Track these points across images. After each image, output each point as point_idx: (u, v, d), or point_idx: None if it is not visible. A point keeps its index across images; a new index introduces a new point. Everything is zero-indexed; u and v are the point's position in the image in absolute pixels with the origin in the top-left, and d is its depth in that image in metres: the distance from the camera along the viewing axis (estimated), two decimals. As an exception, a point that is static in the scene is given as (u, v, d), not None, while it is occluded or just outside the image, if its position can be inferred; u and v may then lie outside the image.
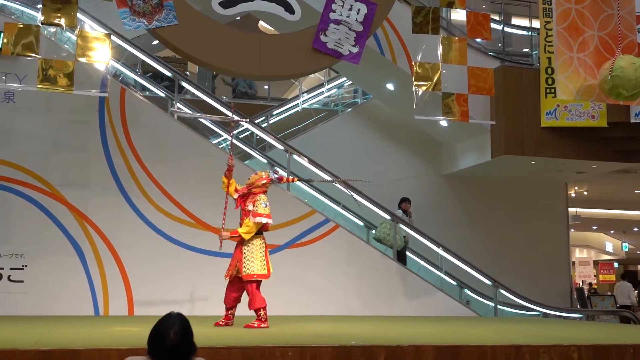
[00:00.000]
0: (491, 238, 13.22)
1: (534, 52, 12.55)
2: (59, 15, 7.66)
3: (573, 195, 15.44)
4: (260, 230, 7.03)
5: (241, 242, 7.01)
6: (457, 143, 12.91)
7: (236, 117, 7.60)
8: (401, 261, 10.58)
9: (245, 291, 7.03)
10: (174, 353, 3.01)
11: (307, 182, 8.55)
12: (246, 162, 10.71)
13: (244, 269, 6.88)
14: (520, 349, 5.46)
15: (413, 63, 9.10)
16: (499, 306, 11.20)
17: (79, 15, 7.92)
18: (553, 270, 13.61)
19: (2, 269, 8.54)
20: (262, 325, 6.83)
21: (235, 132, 7.75)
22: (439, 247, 11.07)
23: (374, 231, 11.04)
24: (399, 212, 11.26)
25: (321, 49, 8.70)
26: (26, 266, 8.61)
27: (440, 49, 8.93)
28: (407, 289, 10.12)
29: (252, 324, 6.83)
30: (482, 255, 12.43)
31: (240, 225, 7.00)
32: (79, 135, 9.06)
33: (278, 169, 8.18)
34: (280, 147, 10.78)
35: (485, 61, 11.06)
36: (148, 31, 8.42)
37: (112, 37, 8.38)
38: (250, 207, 6.95)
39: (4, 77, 8.65)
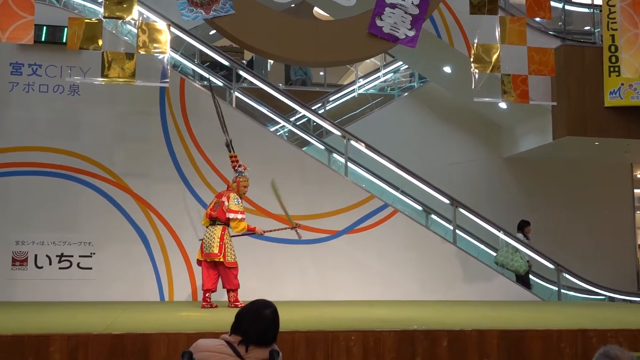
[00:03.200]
0: (553, 221, 12.95)
1: (596, 30, 12.18)
2: (120, 8, 7.86)
3: (639, 176, 14.96)
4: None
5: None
6: (518, 125, 12.67)
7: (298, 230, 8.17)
8: (525, 285, 10.55)
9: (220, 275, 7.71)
10: (267, 328, 3.16)
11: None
12: (304, 148, 10.79)
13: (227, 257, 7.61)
14: (587, 333, 5.38)
15: (471, 45, 8.98)
16: (562, 290, 11.00)
17: (138, 7, 8.10)
18: (618, 254, 13.27)
19: (72, 256, 8.85)
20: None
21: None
22: (499, 231, 10.92)
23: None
24: (520, 235, 11.24)
25: (377, 34, 8.64)
26: (94, 253, 8.90)
27: (498, 29, 8.79)
28: (467, 274, 10.03)
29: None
30: (544, 238, 12.21)
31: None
32: (141, 126, 9.28)
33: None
34: (338, 133, 10.81)
35: (545, 41, 10.79)
36: (206, 21, 8.54)
37: (171, 28, 8.53)
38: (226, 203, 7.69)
39: (69, 71, 8.91)
